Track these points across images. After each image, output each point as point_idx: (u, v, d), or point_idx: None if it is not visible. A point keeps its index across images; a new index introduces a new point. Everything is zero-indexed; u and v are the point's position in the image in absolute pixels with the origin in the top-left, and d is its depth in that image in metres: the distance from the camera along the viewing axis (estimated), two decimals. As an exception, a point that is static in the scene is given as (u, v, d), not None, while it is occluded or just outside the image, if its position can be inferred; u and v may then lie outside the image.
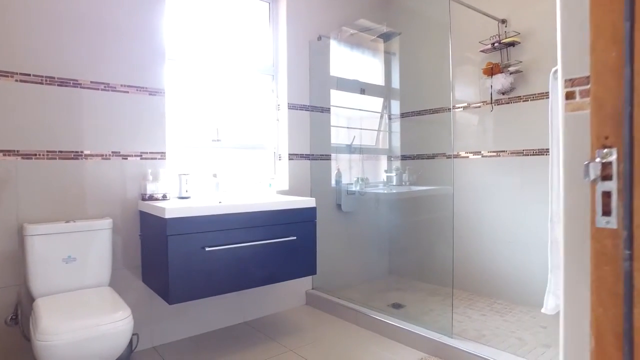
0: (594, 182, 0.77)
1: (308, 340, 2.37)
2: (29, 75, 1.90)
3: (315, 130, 3.03)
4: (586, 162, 0.77)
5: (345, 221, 3.23)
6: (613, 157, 0.75)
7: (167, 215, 1.84)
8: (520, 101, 2.76)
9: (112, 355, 1.59)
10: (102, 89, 2.09)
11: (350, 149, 3.30)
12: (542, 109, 2.63)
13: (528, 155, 2.73)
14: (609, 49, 0.76)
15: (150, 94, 2.25)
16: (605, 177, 0.76)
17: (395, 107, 3.61)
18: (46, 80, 1.94)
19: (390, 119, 3.64)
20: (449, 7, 2.49)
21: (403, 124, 3.58)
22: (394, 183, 3.44)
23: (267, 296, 2.77)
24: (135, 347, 2.09)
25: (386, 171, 3.55)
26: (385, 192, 3.42)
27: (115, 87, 2.13)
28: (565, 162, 0.95)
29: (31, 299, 1.82)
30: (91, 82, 2.06)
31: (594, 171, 0.76)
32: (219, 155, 2.65)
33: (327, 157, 3.13)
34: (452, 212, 2.49)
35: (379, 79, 3.61)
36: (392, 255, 3.60)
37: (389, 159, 3.63)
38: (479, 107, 3.00)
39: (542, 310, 1.06)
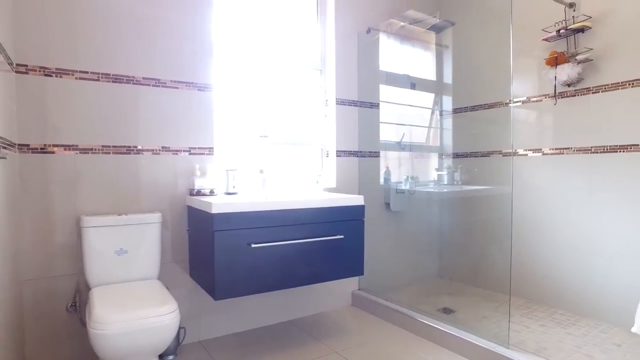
0: None
1: (353, 343, 2.30)
2: (87, 72, 1.97)
3: (363, 127, 2.95)
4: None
5: (394, 221, 3.12)
6: None
7: (214, 211, 1.84)
8: (589, 93, 2.52)
9: (159, 348, 1.60)
10: (153, 85, 2.13)
11: (399, 146, 3.18)
12: (618, 101, 2.39)
13: (597, 152, 2.48)
14: None
15: (199, 90, 2.27)
16: None
17: (447, 103, 3.44)
18: (102, 77, 2.00)
19: (441, 115, 3.48)
20: (510, -8, 2.31)
21: (455, 120, 3.41)
22: (445, 182, 3.28)
23: (313, 295, 2.73)
24: (182, 340, 2.12)
25: (437, 169, 3.40)
26: (437, 191, 3.27)
27: (165, 83, 2.17)
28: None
29: (88, 288, 1.89)
30: (143, 78, 2.10)
31: None
32: (266, 151, 2.63)
33: (376, 155, 3.03)
34: (511, 213, 2.31)
35: (430, 74, 3.46)
36: (443, 258, 3.44)
37: (440, 157, 3.47)
38: (540, 100, 2.78)
39: (633, 330, 0.91)
